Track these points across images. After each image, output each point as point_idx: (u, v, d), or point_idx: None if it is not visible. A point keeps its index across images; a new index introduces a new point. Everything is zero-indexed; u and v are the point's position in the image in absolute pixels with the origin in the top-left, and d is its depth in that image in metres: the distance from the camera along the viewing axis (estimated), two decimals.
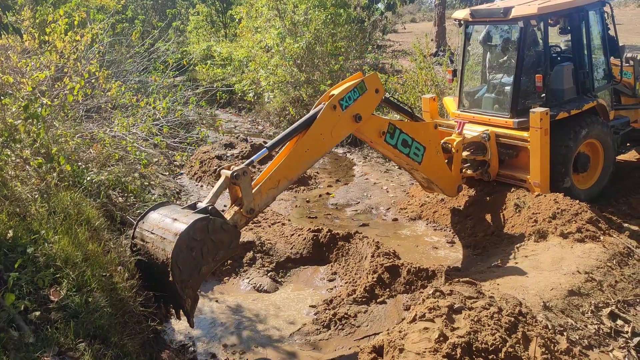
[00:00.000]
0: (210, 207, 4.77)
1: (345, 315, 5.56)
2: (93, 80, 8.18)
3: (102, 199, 6.48)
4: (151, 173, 8.84)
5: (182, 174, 10.88)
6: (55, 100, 7.34)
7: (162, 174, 10.09)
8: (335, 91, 5.82)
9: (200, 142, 11.49)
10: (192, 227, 4.46)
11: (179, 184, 10.22)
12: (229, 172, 4.92)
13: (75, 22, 8.75)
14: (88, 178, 6.38)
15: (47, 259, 4.14)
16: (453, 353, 4.00)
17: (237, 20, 18.51)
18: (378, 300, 5.79)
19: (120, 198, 7.47)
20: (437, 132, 6.97)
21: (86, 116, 9.03)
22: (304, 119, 5.58)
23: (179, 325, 5.54)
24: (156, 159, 9.67)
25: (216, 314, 5.89)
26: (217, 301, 6.15)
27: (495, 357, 4.07)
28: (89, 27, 9.02)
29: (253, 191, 5.12)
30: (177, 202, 6.43)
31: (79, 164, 6.77)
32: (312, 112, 5.62)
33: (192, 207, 4.86)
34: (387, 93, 7.26)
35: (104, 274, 4.37)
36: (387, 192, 9.48)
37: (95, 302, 4.01)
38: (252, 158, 5.30)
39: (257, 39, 15.25)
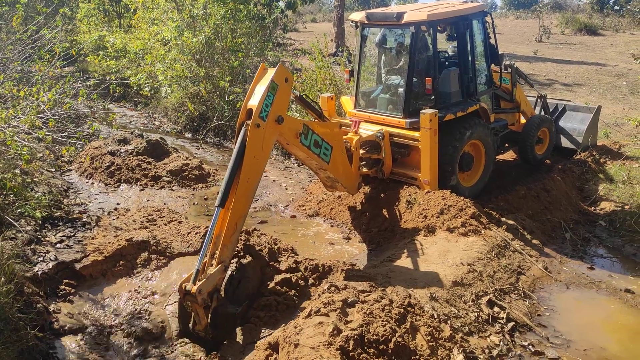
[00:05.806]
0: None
1: None
2: None
3: None
4: (35, 169, 8.22)
5: (70, 170, 10.23)
6: None
7: (47, 170, 9.42)
8: (252, 101, 5.61)
9: (92, 137, 10.85)
10: None
11: (67, 181, 9.60)
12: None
13: None
14: None
15: None
16: (346, 346, 4.14)
17: (132, 10, 17.66)
18: None
19: None
20: (342, 131, 7.22)
21: None
22: (235, 152, 5.38)
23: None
24: (40, 154, 9.01)
25: (107, 315, 5.62)
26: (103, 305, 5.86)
27: (385, 347, 4.27)
28: None
29: (220, 244, 5.14)
30: None
31: None
32: (239, 140, 5.42)
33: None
34: (297, 91, 7.34)
35: None
36: (286, 189, 9.56)
37: None
38: (201, 253, 5.06)
39: (153, 31, 14.67)
